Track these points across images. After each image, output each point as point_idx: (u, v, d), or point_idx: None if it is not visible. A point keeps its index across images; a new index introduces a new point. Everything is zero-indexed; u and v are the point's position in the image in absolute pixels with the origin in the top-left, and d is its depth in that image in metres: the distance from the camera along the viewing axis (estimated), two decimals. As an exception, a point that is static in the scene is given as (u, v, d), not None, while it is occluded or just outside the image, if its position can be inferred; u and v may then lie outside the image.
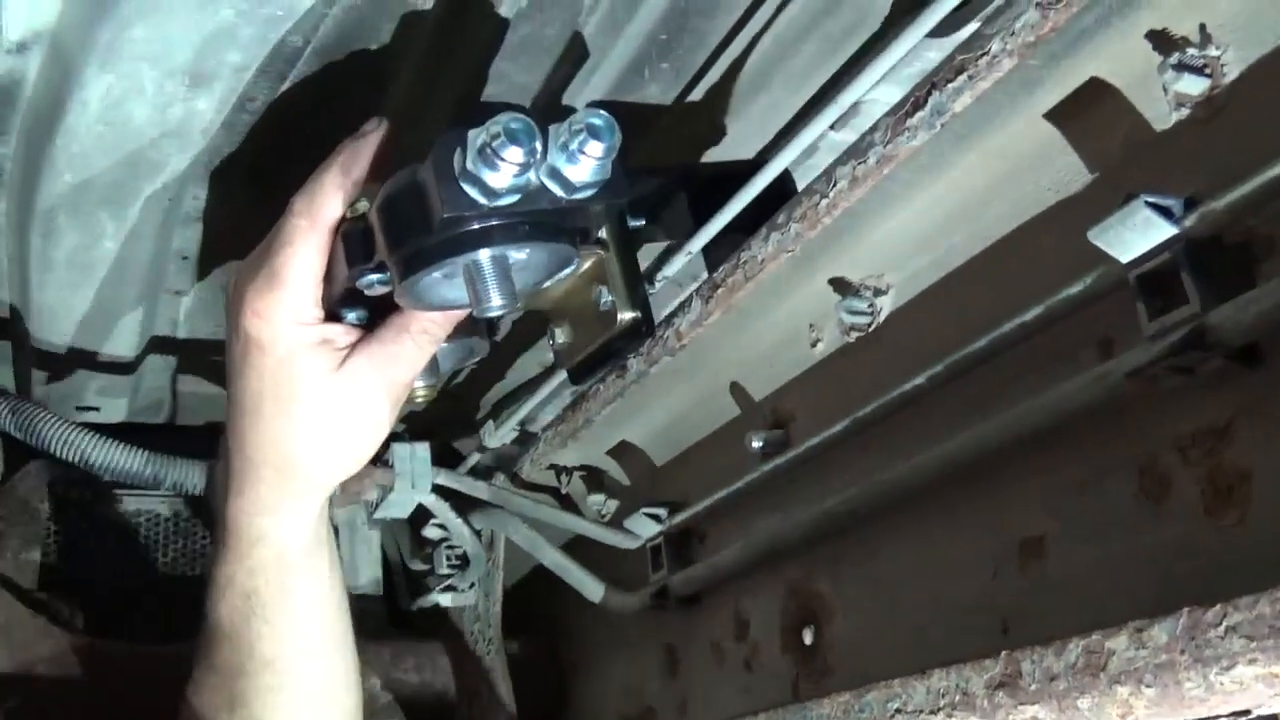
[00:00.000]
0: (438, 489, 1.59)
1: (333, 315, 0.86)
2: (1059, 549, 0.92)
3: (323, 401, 0.86)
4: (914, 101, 0.90)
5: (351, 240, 0.81)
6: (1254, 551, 0.75)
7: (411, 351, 0.86)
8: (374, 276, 0.81)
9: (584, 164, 0.73)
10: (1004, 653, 0.81)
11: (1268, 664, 0.63)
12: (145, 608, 1.68)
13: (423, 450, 1.59)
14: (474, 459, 1.69)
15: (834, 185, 0.99)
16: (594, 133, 0.73)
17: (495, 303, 0.76)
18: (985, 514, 0.99)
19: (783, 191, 1.12)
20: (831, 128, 1.05)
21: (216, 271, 1.30)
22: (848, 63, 1.15)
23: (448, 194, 0.73)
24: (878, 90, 1.00)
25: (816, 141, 1.05)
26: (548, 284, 0.84)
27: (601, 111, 0.74)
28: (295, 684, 0.96)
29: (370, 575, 1.85)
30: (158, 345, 1.45)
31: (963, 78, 0.85)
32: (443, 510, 1.63)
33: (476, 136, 0.72)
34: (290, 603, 0.94)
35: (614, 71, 1.09)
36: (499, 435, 1.60)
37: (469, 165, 0.72)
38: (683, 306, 1.21)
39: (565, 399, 1.58)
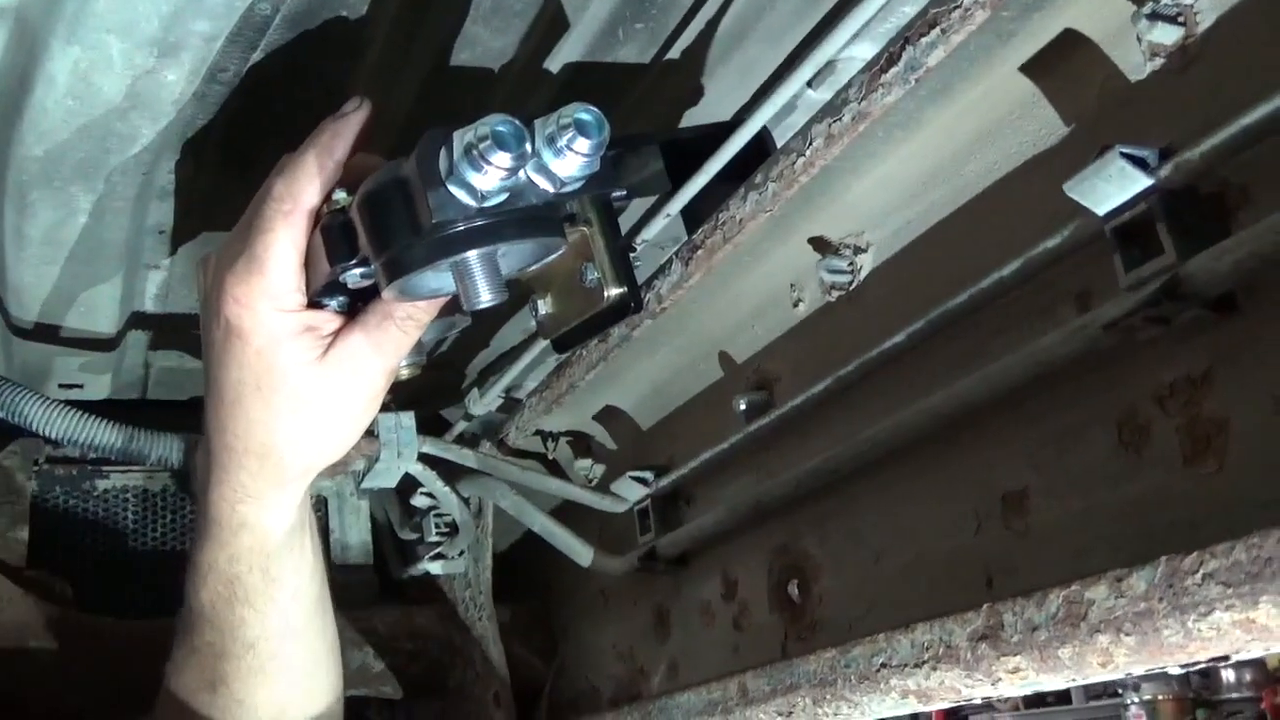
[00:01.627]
0: (424, 457, 1.60)
1: (313, 302, 0.85)
2: (1040, 501, 0.92)
3: (306, 390, 0.84)
4: (888, 57, 0.90)
5: (333, 235, 0.79)
6: (1232, 499, 0.75)
7: (397, 338, 0.84)
8: (358, 271, 0.79)
9: (572, 160, 0.72)
10: (986, 605, 0.81)
11: (1244, 610, 0.64)
12: (133, 582, 1.69)
13: (408, 419, 1.58)
14: (460, 427, 1.69)
15: (810, 144, 0.99)
16: (582, 129, 0.71)
17: (484, 298, 0.74)
18: (967, 469, 1.00)
19: (762, 150, 1.11)
20: (809, 85, 1.05)
21: (194, 245, 1.30)
22: (824, 19, 1.14)
23: (435, 198, 0.71)
24: (853, 47, 1.00)
25: (794, 99, 1.04)
26: (534, 268, 0.83)
27: (590, 107, 0.72)
28: (277, 665, 0.96)
29: (360, 545, 1.86)
30: (138, 320, 1.45)
31: (936, 31, 0.85)
32: (430, 479, 1.63)
33: (463, 136, 0.70)
34: (272, 588, 0.93)
35: (589, 33, 1.08)
36: (484, 403, 1.60)
37: (456, 167, 0.70)
38: (663, 269, 1.21)
39: (549, 365, 1.58)
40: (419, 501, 1.73)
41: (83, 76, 0.94)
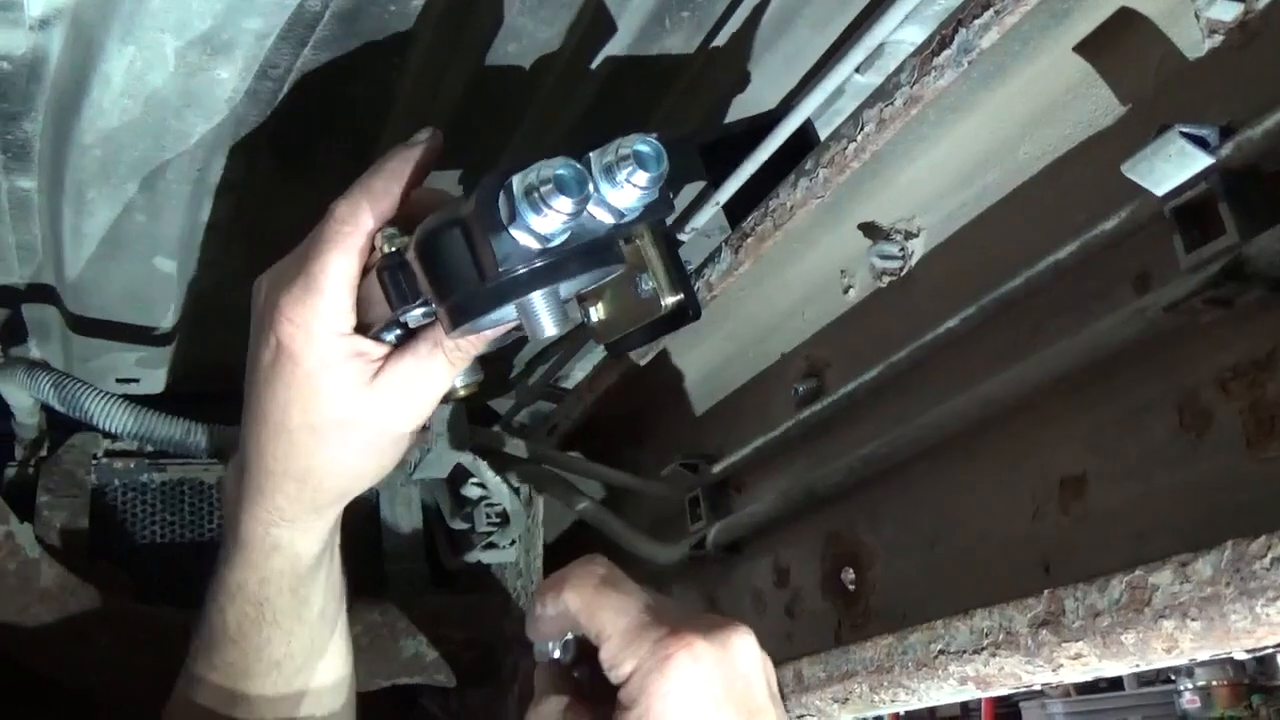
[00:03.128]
0: (475, 448, 1.61)
1: (364, 327, 0.84)
2: (1100, 486, 0.91)
3: (352, 415, 0.83)
4: (940, 40, 0.89)
5: (392, 279, 0.78)
6: (1298, 482, 0.74)
7: (444, 369, 0.83)
8: (419, 311, 0.79)
9: (630, 192, 0.71)
10: (1047, 591, 0.81)
11: (1314, 594, 0.63)
12: (192, 573, 1.71)
13: (459, 410, 1.60)
14: (510, 417, 1.70)
15: (861, 129, 0.98)
16: (641, 162, 0.70)
17: (550, 332, 0.74)
18: (1024, 454, 0.99)
19: (805, 141, 1.11)
20: (857, 71, 1.04)
21: (247, 241, 1.31)
22: (871, 3, 1.13)
23: (499, 244, 0.70)
24: (902, 30, 0.99)
25: (842, 85, 1.04)
26: (592, 288, 0.83)
27: (648, 138, 0.72)
28: (300, 683, 0.96)
29: (411, 535, 1.87)
30: (193, 316, 1.47)
31: (989, 13, 0.84)
32: (481, 469, 1.64)
33: (523, 180, 0.69)
34: (302, 610, 0.93)
35: (635, 23, 1.08)
36: (533, 392, 1.61)
37: (518, 211, 0.69)
38: (712, 257, 1.21)
39: (597, 355, 1.58)
40: (470, 491, 1.74)
41: (138, 76, 0.95)
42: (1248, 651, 0.71)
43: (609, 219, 0.73)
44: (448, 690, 1.77)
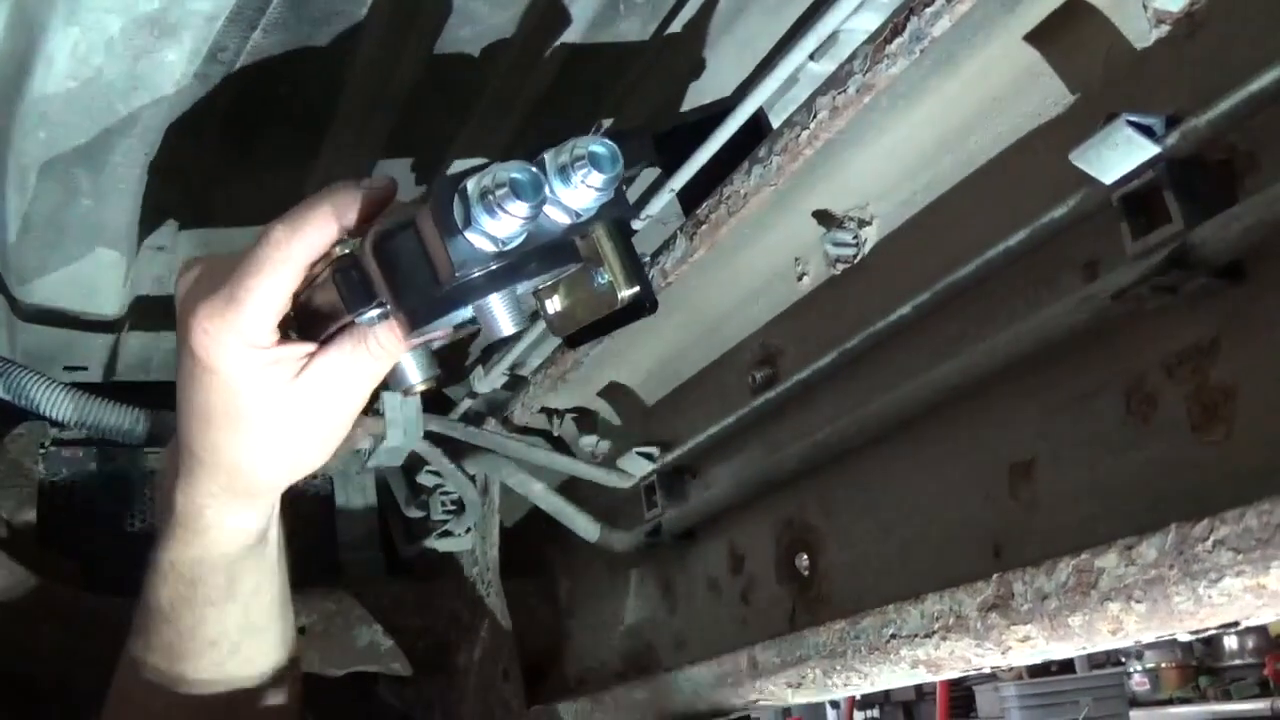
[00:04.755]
0: (430, 436, 1.60)
1: (286, 336, 0.82)
2: (1048, 471, 0.92)
3: (275, 416, 0.83)
4: (893, 27, 0.89)
5: (347, 283, 0.77)
6: (1240, 466, 0.76)
7: (370, 365, 0.82)
8: (374, 313, 0.78)
9: (586, 193, 0.71)
10: (996, 575, 0.82)
11: (1255, 575, 0.64)
12: (141, 563, 1.69)
13: (413, 398, 1.58)
14: (465, 405, 1.69)
15: (814, 116, 0.98)
16: (596, 163, 0.70)
17: (507, 331, 0.74)
18: (975, 439, 1.00)
19: (759, 128, 1.11)
20: (810, 58, 1.04)
21: (195, 227, 1.29)
22: (825, -9, 1.14)
23: (455, 249, 0.70)
24: (856, 18, 0.99)
25: (796, 73, 1.04)
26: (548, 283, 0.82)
27: (603, 139, 0.71)
28: (236, 660, 0.95)
29: (366, 523, 1.86)
30: (142, 302, 1.45)
31: (941, 1, 0.84)
32: (436, 457, 1.63)
33: (478, 184, 0.69)
34: (234, 589, 0.92)
35: (590, 9, 1.07)
36: (489, 380, 1.60)
37: (472, 215, 0.69)
38: (667, 245, 1.21)
39: (553, 343, 1.57)
40: (425, 479, 1.73)
41: (82, 58, 0.93)
42: (1191, 633, 0.72)
43: (565, 219, 0.73)
44: (404, 679, 1.77)
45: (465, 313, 0.75)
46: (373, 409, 1.60)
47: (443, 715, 1.79)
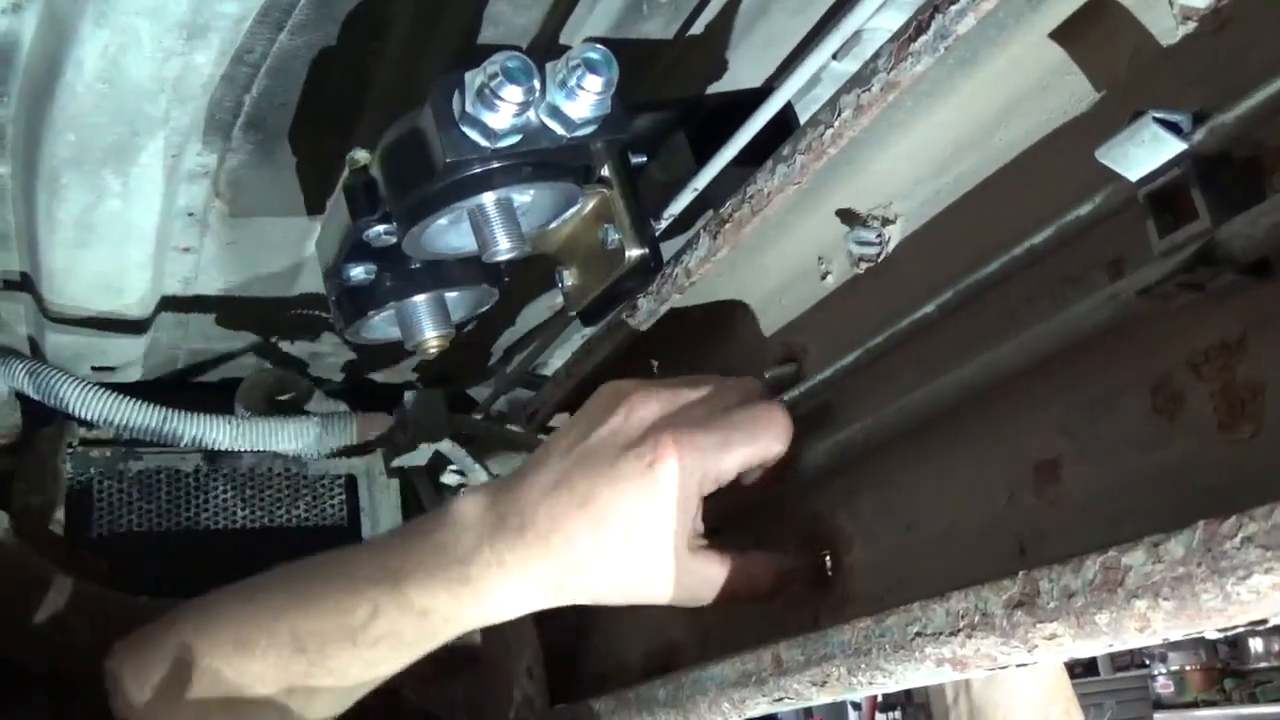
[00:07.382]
0: (454, 435, 1.60)
1: (340, 271, 0.85)
2: (1073, 470, 0.92)
3: (668, 559, 0.88)
4: (917, 25, 0.89)
5: (355, 193, 0.81)
6: (1269, 463, 0.75)
7: (744, 588, 0.93)
8: (380, 228, 0.80)
9: (583, 99, 0.73)
10: (1021, 573, 0.81)
11: (1284, 573, 0.63)
12: (167, 561, 1.71)
13: (438, 398, 1.59)
14: (488, 404, 1.70)
15: (838, 115, 0.98)
16: (591, 67, 0.72)
17: (503, 246, 0.76)
18: (999, 439, 0.99)
19: (784, 125, 1.11)
20: (834, 57, 1.05)
21: (222, 228, 1.31)
22: (848, -11, 1.14)
23: (448, 139, 0.72)
24: (880, 17, 0.99)
25: (819, 72, 1.04)
26: (554, 224, 0.84)
27: (598, 45, 0.74)
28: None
29: (390, 523, 1.87)
30: (170, 303, 1.46)
31: (965, -1, 0.84)
32: (460, 456, 1.64)
33: (474, 78, 0.72)
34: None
35: (612, 8, 1.08)
36: (512, 379, 1.61)
37: (468, 108, 0.71)
38: (690, 243, 1.21)
39: (576, 342, 1.58)
40: (449, 479, 1.74)
41: (112, 60, 0.95)
42: (1219, 630, 0.71)
43: (563, 130, 0.74)
44: (427, 677, 1.77)
45: (466, 237, 0.76)
46: (397, 408, 1.61)
47: (466, 714, 1.79)
